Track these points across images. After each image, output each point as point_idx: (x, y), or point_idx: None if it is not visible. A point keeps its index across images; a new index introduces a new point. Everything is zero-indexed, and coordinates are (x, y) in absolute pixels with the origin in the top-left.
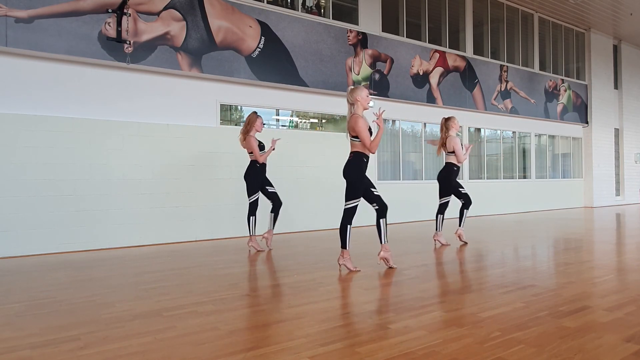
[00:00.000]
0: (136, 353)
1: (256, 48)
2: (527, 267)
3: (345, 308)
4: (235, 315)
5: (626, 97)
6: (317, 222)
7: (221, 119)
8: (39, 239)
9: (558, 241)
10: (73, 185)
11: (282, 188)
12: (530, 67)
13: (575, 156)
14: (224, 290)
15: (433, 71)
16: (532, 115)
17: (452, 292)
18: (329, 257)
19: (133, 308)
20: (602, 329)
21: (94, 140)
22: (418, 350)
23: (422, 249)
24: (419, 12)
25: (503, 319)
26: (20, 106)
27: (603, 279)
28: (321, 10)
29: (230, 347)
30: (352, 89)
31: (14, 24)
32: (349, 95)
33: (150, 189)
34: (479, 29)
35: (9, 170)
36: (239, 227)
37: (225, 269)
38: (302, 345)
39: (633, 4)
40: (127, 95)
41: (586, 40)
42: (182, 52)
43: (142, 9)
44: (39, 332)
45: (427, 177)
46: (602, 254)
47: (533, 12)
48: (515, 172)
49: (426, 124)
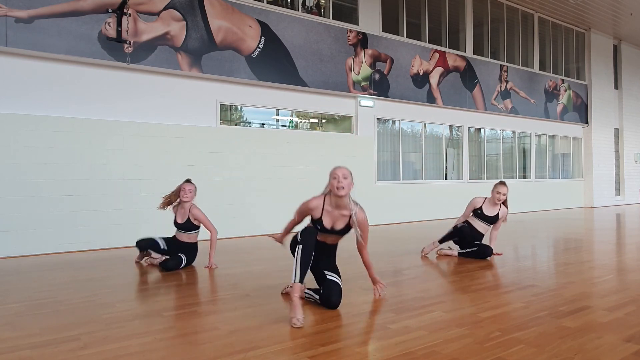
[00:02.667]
0: (136, 353)
1: (256, 48)
2: (527, 267)
3: (345, 308)
4: (235, 315)
5: (626, 97)
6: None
7: (221, 119)
8: (39, 239)
9: (558, 241)
10: (73, 185)
11: (282, 188)
12: (530, 67)
13: (575, 156)
14: (224, 290)
15: (433, 71)
16: (532, 115)
17: (452, 292)
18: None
19: (133, 308)
20: (602, 329)
21: (94, 140)
22: (418, 350)
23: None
24: (419, 12)
25: (503, 319)
26: (20, 106)
27: (603, 279)
28: (321, 10)
29: (230, 347)
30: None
31: (14, 24)
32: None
33: (150, 189)
34: (479, 29)
35: (9, 170)
36: (239, 227)
37: (225, 269)
38: (302, 345)
39: (633, 4)
40: (127, 95)
41: (586, 40)
42: (182, 52)
43: (142, 9)
44: (39, 332)
45: (427, 177)
46: (602, 254)
47: (533, 12)
48: (515, 172)
49: (426, 124)
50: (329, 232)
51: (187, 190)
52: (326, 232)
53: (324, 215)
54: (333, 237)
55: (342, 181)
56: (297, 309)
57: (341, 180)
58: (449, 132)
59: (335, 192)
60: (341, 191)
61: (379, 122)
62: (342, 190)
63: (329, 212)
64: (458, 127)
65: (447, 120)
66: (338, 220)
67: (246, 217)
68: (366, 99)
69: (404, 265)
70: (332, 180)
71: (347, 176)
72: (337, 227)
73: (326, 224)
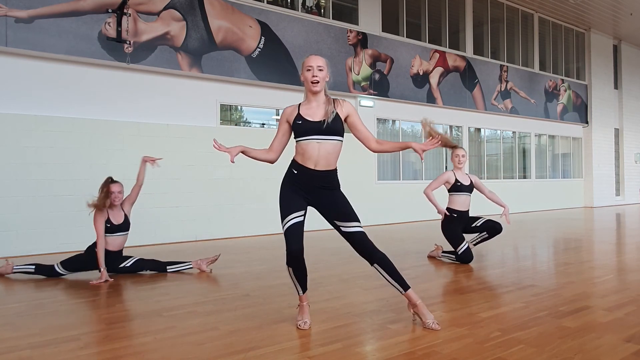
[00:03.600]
0: (136, 353)
1: (256, 48)
2: (527, 267)
3: (345, 308)
4: (235, 315)
5: (626, 97)
6: (316, 222)
7: (221, 119)
8: (39, 239)
9: (558, 241)
10: (73, 185)
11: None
12: (530, 67)
13: (575, 156)
14: (224, 290)
15: (433, 71)
16: (532, 115)
17: (452, 292)
18: (328, 257)
19: (133, 308)
20: (602, 329)
21: (94, 140)
22: (418, 350)
23: (422, 249)
24: (419, 12)
25: (503, 319)
26: (20, 106)
27: (603, 279)
28: (321, 10)
29: (230, 347)
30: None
31: (14, 24)
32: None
33: (150, 189)
34: (479, 29)
35: (9, 170)
36: (239, 227)
37: (225, 269)
38: (302, 345)
39: (633, 4)
40: (127, 95)
41: (586, 40)
42: (182, 52)
43: (142, 9)
44: (39, 332)
45: (427, 177)
46: (602, 254)
47: (533, 12)
48: (515, 172)
49: None
50: (312, 128)
51: (117, 193)
52: (309, 127)
53: (302, 113)
54: (322, 140)
55: (317, 74)
56: (305, 313)
57: (316, 73)
58: (449, 132)
59: (309, 87)
60: (316, 86)
61: (379, 122)
62: (317, 85)
63: (307, 108)
64: (458, 127)
65: (447, 120)
66: (317, 111)
67: (246, 217)
68: (366, 99)
69: (404, 265)
70: (306, 72)
71: (323, 68)
72: (316, 117)
73: (305, 115)
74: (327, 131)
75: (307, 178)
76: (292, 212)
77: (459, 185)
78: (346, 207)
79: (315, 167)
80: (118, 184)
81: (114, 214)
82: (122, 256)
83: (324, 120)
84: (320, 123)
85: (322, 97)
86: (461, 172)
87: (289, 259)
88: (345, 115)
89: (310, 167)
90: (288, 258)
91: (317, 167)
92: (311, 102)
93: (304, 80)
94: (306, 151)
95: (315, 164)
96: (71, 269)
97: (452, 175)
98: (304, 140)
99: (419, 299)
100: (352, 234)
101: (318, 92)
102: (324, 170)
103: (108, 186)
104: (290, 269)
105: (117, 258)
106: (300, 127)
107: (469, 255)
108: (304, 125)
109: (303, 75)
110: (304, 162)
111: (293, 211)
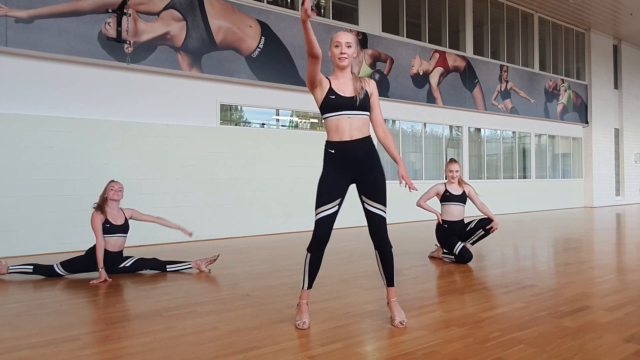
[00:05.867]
0: (136, 353)
1: (256, 48)
2: (527, 267)
3: (345, 308)
4: (235, 315)
5: (626, 97)
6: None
7: (221, 119)
8: (39, 239)
9: (558, 241)
10: (73, 185)
11: (282, 188)
12: (530, 67)
13: (575, 156)
14: (224, 290)
15: (433, 71)
16: (532, 115)
17: (452, 292)
18: (328, 257)
19: (133, 308)
20: (602, 329)
21: (94, 140)
22: (418, 350)
23: (422, 249)
24: (419, 12)
25: (503, 319)
26: (20, 106)
27: (603, 279)
28: (321, 10)
29: (230, 347)
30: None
31: (14, 24)
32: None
33: (150, 189)
34: (479, 29)
35: (10, 170)
36: (239, 227)
37: (225, 269)
38: (302, 345)
39: (633, 4)
40: (127, 95)
41: (586, 40)
42: (182, 52)
43: (142, 9)
44: (39, 332)
45: (427, 177)
46: (602, 254)
47: (533, 12)
48: (515, 172)
49: (426, 124)
50: (344, 104)
51: (116, 189)
52: (342, 102)
53: (333, 85)
54: (352, 115)
55: (345, 50)
56: (304, 313)
57: (344, 50)
58: (449, 132)
59: (336, 63)
60: (344, 61)
61: None
62: (344, 60)
63: (337, 84)
64: (458, 127)
65: (447, 120)
66: (346, 87)
67: (246, 217)
68: None
69: (404, 265)
70: (334, 48)
71: (352, 44)
72: (347, 93)
73: (337, 90)
74: (359, 107)
75: (346, 152)
76: (326, 204)
77: (448, 195)
78: (380, 190)
79: (351, 138)
80: (118, 183)
81: (113, 215)
82: (122, 257)
83: (356, 96)
84: (352, 99)
85: (349, 73)
86: (455, 184)
87: (312, 244)
88: (370, 93)
89: (347, 139)
90: (311, 242)
91: (353, 138)
92: (339, 77)
93: (331, 56)
94: (339, 126)
95: (350, 135)
96: (71, 270)
97: (443, 186)
98: (335, 116)
99: (395, 298)
100: (375, 215)
101: (345, 67)
102: (360, 139)
103: (108, 184)
104: (308, 254)
105: (117, 259)
106: (333, 102)
107: (466, 254)
108: (337, 100)
109: (331, 51)
110: (340, 137)
111: (327, 202)
